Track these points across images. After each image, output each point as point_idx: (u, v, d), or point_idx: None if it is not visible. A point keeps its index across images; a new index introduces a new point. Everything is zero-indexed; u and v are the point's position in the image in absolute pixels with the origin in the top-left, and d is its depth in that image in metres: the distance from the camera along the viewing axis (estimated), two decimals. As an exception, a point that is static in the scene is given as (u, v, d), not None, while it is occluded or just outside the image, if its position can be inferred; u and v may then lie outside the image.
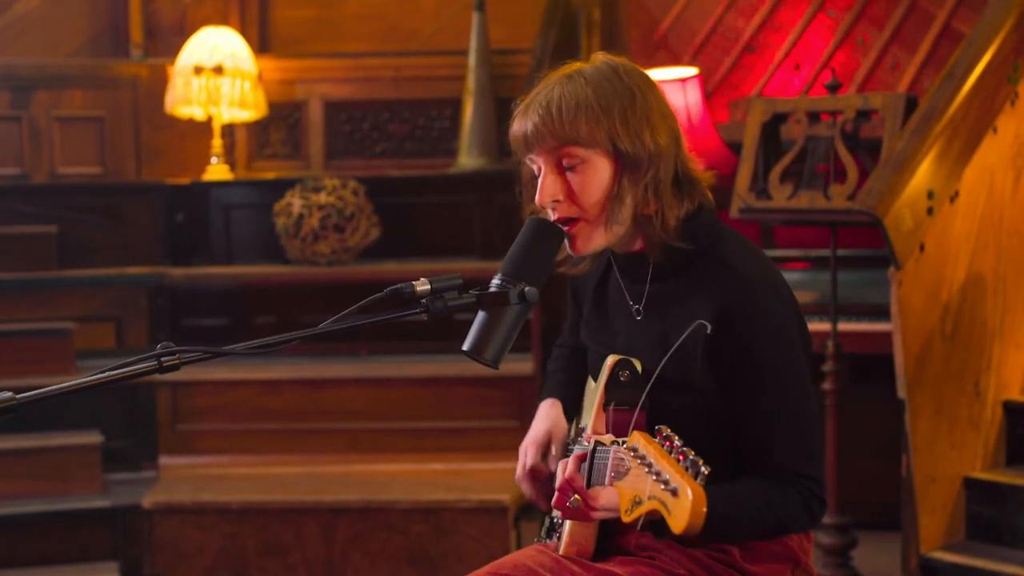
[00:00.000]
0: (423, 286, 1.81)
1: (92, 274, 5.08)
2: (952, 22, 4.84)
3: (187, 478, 4.47)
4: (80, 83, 5.63)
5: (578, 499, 1.87)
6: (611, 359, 1.99)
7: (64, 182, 5.54)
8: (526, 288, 1.86)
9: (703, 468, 1.66)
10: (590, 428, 2.01)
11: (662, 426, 1.74)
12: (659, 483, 1.66)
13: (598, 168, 1.93)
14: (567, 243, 1.96)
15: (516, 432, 4.19)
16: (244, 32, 5.66)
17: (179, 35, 5.65)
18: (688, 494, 1.61)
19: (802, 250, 4.45)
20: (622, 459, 1.77)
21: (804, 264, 4.41)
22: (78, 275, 5.06)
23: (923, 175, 3.36)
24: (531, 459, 2.15)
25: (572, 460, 1.89)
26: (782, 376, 1.92)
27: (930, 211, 3.38)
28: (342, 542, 4.13)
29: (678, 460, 1.67)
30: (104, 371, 1.69)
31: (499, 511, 4.10)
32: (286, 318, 5.05)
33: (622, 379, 1.97)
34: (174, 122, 5.55)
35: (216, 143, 5.47)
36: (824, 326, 3.84)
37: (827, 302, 3.86)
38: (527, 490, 2.17)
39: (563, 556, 2.02)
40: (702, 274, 1.94)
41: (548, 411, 2.20)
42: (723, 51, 5.21)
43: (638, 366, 1.97)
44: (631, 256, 2.02)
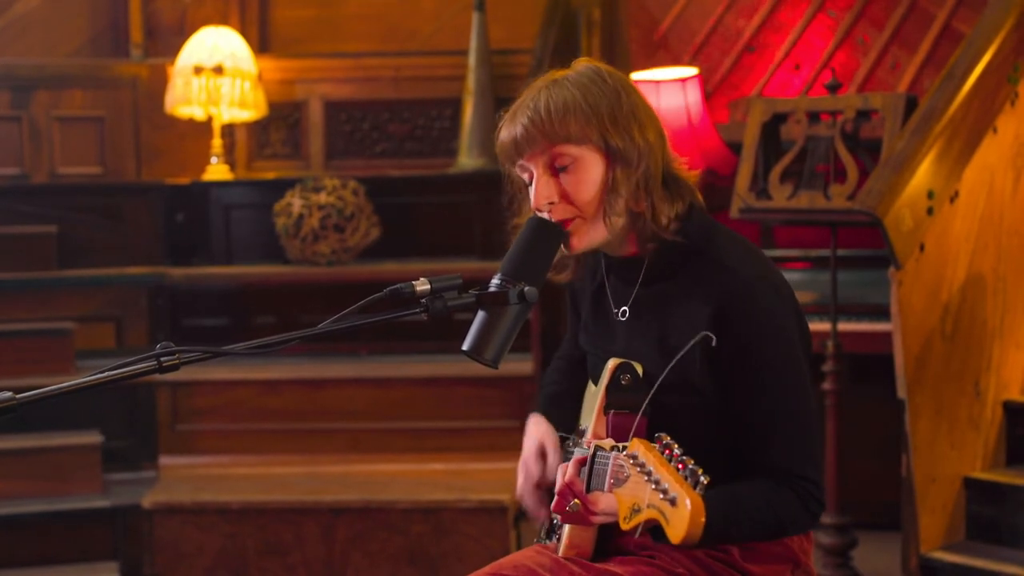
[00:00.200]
0: (423, 286, 1.81)
1: (92, 274, 5.07)
2: (952, 22, 4.84)
3: (187, 478, 4.47)
4: (80, 83, 5.62)
5: (577, 503, 1.87)
6: (612, 362, 1.99)
7: (64, 182, 5.53)
8: (526, 288, 1.86)
9: (702, 478, 1.66)
10: (591, 432, 2.00)
11: (662, 434, 1.74)
12: (658, 492, 1.66)
13: (591, 166, 1.94)
14: (566, 241, 1.96)
15: (516, 432, 4.14)
16: (244, 32, 5.66)
17: (179, 35, 5.65)
18: (687, 504, 1.61)
19: (802, 250, 4.45)
20: (622, 466, 1.77)
21: (804, 264, 4.41)
22: (78, 275, 5.06)
23: (923, 175, 3.36)
24: (532, 470, 2.13)
25: (572, 464, 1.89)
26: (782, 376, 1.91)
27: (930, 211, 3.38)
28: (342, 542, 4.13)
29: (678, 469, 1.67)
30: (104, 371, 1.69)
31: (499, 511, 4.10)
32: (286, 318, 5.04)
33: (623, 383, 1.96)
34: (174, 122, 5.54)
35: (216, 143, 5.47)
36: (824, 326, 3.84)
37: (827, 302, 3.86)
38: (530, 504, 2.14)
39: (563, 557, 2.01)
40: (699, 275, 1.94)
41: (535, 427, 2.17)
42: (723, 51, 5.21)
43: (639, 369, 1.97)
44: (624, 259, 2.03)
